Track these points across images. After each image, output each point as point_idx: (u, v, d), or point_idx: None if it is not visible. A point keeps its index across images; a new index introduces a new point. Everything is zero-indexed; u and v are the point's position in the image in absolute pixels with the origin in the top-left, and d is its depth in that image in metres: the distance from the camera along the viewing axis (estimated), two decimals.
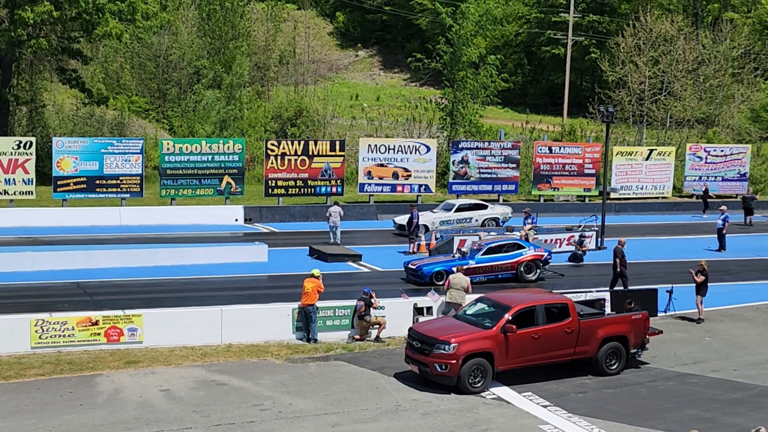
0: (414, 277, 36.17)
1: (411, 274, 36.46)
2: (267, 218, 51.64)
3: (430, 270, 35.88)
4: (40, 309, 28.09)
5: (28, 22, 55.68)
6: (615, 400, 23.60)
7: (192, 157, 51.64)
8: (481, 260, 36.54)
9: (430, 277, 35.64)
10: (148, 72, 77.38)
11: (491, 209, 49.75)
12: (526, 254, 37.35)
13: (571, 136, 72.70)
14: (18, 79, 65.97)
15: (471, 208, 49.09)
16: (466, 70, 66.32)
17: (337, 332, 28.70)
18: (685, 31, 76.54)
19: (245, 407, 22.23)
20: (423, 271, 35.89)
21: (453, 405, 22.88)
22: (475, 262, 36.35)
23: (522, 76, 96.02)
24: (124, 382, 23.83)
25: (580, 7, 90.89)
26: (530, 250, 37.61)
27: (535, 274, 37.27)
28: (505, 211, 50.22)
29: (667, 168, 63.16)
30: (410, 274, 36.54)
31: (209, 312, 28.05)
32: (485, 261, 36.64)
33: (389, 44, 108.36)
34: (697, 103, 75.62)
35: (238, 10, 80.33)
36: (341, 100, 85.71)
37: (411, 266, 36.60)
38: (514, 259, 37.11)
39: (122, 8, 58.99)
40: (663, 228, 53.53)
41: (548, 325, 24.77)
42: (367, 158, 55.69)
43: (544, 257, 37.79)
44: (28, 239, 43.40)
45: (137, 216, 48.97)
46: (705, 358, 27.68)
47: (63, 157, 49.43)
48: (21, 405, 21.97)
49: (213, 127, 68.95)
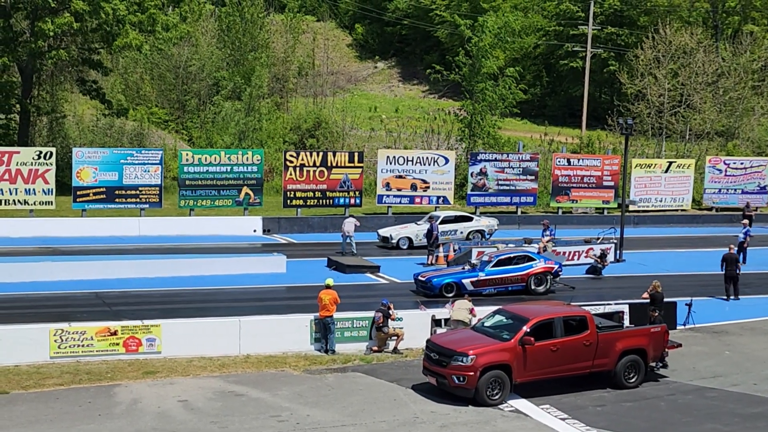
0: (424, 289, 35.98)
1: (421, 286, 36.28)
2: (285, 229, 51.72)
3: (439, 282, 35.71)
4: (60, 319, 28.18)
5: (48, 33, 56.01)
6: (633, 414, 23.48)
7: (211, 168, 51.78)
8: (491, 272, 36.33)
9: (439, 289, 35.46)
10: (167, 83, 77.70)
11: (476, 221, 49.26)
12: (536, 266, 37.03)
13: (590, 148, 72.54)
14: (39, 89, 66.36)
15: (456, 221, 48.33)
16: (485, 81, 66.32)
17: (355, 343, 28.69)
18: (705, 43, 76.29)
19: (263, 418, 22.23)
20: (432, 282, 35.71)
21: (471, 417, 22.82)
22: (485, 274, 36.20)
23: (540, 88, 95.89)
24: (143, 392, 23.87)
25: (598, 19, 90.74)
26: (540, 263, 37.28)
27: (546, 286, 36.99)
28: (491, 223, 49.63)
29: (686, 180, 62.95)
30: (420, 286, 36.35)
31: (227, 323, 28.09)
32: (495, 273, 36.41)
33: (408, 56, 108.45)
34: (716, 116, 75.37)
35: (257, 22, 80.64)
36: (360, 111, 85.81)
37: (421, 278, 36.42)
38: (524, 271, 36.83)
39: (142, 20, 59.34)
40: (682, 241, 53.32)
41: (566, 337, 24.69)
42: (386, 170, 55.74)
43: (555, 269, 37.44)
44: (47, 249, 43.57)
45: (156, 226, 49.11)
46: (724, 371, 27.52)
47: (83, 168, 49.65)
48: (40, 415, 22.02)
49: (232, 138, 69.15)
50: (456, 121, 72.04)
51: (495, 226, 49.50)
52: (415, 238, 46.94)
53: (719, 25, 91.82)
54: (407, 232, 47.33)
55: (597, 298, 34.03)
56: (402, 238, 47.08)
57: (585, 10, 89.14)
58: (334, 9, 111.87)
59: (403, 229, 47.93)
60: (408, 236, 47.13)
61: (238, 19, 79.86)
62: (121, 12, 57.24)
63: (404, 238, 47.11)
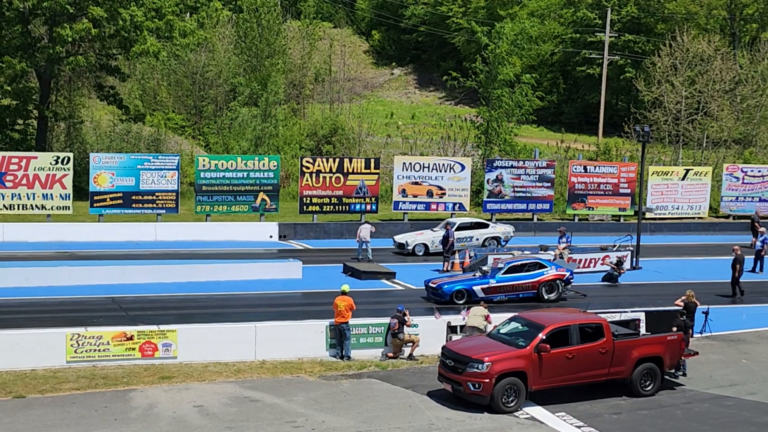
0: (434, 296, 35.87)
1: (431, 293, 36.15)
2: (301, 235, 51.78)
3: (450, 289, 35.55)
4: (76, 323, 28.34)
5: (66, 39, 56.23)
6: (649, 422, 23.40)
7: (227, 174, 51.89)
8: (501, 279, 36.16)
9: (450, 296, 35.33)
10: (184, 89, 77.95)
11: (492, 228, 48.97)
12: (547, 274, 36.83)
13: (606, 155, 72.35)
14: (56, 95, 66.68)
15: (472, 227, 48.04)
16: (501, 88, 66.26)
17: (371, 350, 28.69)
18: (723, 51, 76.03)
19: (278, 424, 22.25)
20: (443, 289, 35.56)
21: (486, 424, 22.79)
22: (495, 281, 36.05)
23: (557, 95, 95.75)
24: (158, 397, 23.93)
25: (616, 27, 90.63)
26: (552, 270, 37.08)
27: (557, 293, 36.81)
28: (507, 230, 49.40)
29: (703, 188, 62.75)
30: (431, 292, 36.22)
31: (243, 328, 28.14)
32: (506, 280, 36.21)
33: (424, 63, 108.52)
34: (734, 123, 75.12)
35: (274, 28, 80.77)
36: (376, 118, 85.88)
37: (431, 285, 36.28)
38: (536, 278, 36.64)
39: (160, 26, 59.52)
40: (699, 248, 53.13)
41: (582, 344, 24.65)
42: (402, 176, 55.76)
43: (566, 277, 37.23)
44: (64, 254, 43.68)
45: (173, 232, 49.24)
46: (741, 380, 27.41)
47: (100, 173, 49.83)
48: (56, 419, 22.10)
49: (248, 144, 69.33)
50: (472, 128, 72.02)
51: (511, 232, 49.40)
52: (431, 244, 46.89)
53: (737, 33, 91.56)
54: (423, 239, 47.29)
55: (613, 305, 33.99)
56: (418, 245, 47.04)
57: (602, 17, 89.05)
58: (351, 15, 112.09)
59: (419, 235, 47.87)
60: (424, 243, 47.09)
61: (255, 25, 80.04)
62: (138, 18, 57.44)
63: (420, 244, 47.07)
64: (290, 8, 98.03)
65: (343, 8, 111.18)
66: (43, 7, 56.17)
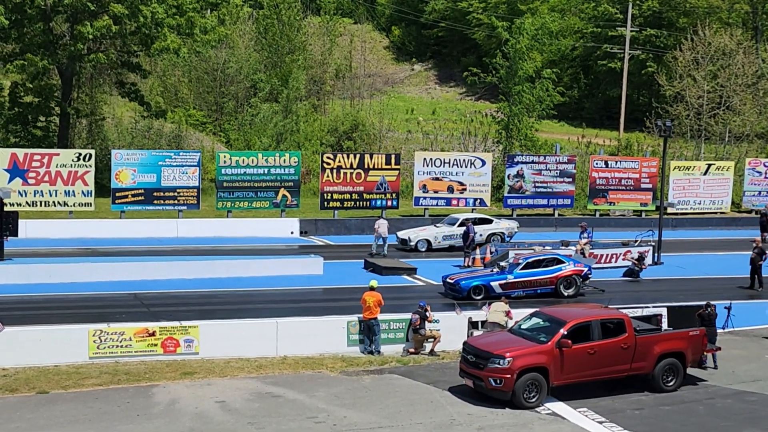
0: (452, 292, 35.77)
1: (449, 289, 36.04)
2: (322, 231, 51.83)
3: (467, 284, 35.47)
4: (99, 319, 28.47)
5: (88, 36, 56.39)
6: (672, 418, 23.32)
7: (248, 170, 52.01)
8: (519, 275, 36.02)
9: (467, 291, 35.25)
10: (205, 85, 78.11)
11: (495, 224, 48.41)
12: (565, 269, 36.70)
13: (628, 150, 72.17)
14: (78, 92, 66.92)
15: (475, 223, 47.17)
16: (522, 84, 66.15)
17: (392, 345, 28.72)
18: (745, 45, 75.69)
19: (300, 419, 22.29)
20: (461, 285, 35.48)
21: (508, 420, 22.77)
22: (513, 276, 35.93)
23: (578, 90, 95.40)
24: (180, 393, 24.01)
25: (637, 21, 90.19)
26: (570, 265, 36.94)
27: (575, 289, 36.67)
28: (510, 225, 48.97)
29: (725, 183, 62.45)
30: (448, 288, 36.11)
31: (265, 324, 28.22)
32: (524, 276, 36.07)
33: (445, 58, 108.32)
34: (756, 118, 74.71)
35: (294, 25, 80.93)
36: (397, 113, 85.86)
37: (449, 280, 36.18)
38: (553, 274, 36.52)
39: (181, 23, 59.64)
40: (721, 243, 52.87)
41: (604, 340, 24.58)
42: (423, 172, 55.74)
43: (584, 272, 37.09)
44: (86, 250, 43.92)
45: (194, 228, 49.40)
46: (764, 375, 27.27)
47: (121, 170, 50.04)
48: (79, 415, 22.21)
49: (269, 140, 69.43)
50: (493, 123, 71.97)
51: (515, 228, 48.90)
52: (434, 240, 46.64)
53: (759, 27, 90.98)
54: (426, 235, 46.91)
55: (635, 300, 33.87)
56: (420, 241, 46.64)
57: (623, 11, 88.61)
58: (371, 11, 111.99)
59: (421, 231, 47.51)
60: (426, 238, 46.70)
61: (275, 21, 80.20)
62: (159, 15, 57.55)
63: (422, 240, 46.67)
64: (310, 4, 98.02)
65: (363, 4, 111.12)
66: (65, 4, 56.33)
